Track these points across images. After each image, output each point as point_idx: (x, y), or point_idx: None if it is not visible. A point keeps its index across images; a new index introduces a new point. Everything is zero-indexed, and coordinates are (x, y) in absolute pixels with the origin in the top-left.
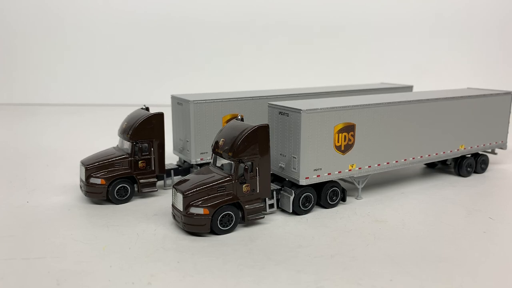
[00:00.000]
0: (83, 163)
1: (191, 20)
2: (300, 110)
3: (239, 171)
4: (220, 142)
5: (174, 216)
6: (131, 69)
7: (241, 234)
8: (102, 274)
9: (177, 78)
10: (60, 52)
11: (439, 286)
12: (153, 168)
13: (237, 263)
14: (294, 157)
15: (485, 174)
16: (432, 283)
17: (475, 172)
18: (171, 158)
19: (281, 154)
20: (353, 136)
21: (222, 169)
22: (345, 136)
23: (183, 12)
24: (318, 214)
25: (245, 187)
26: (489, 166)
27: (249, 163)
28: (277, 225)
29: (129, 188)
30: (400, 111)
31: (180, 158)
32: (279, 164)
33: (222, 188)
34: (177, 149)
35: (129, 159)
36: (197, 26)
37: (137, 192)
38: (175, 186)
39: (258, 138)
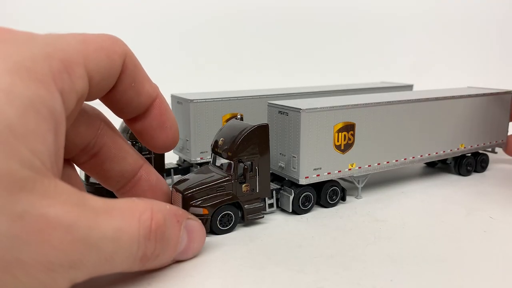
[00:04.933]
0: None
1: (191, 19)
2: (300, 109)
3: (239, 170)
4: (220, 142)
5: None
6: None
7: (241, 234)
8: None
9: (177, 77)
10: None
11: (439, 286)
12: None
13: (237, 263)
14: (293, 156)
15: (486, 173)
16: (432, 283)
17: (475, 171)
18: (171, 157)
19: (280, 154)
20: (353, 135)
21: (222, 169)
22: (345, 135)
23: (182, 11)
24: (318, 214)
25: (244, 187)
26: (490, 166)
27: (249, 162)
28: (277, 225)
29: None
30: (400, 110)
31: (180, 157)
32: (279, 164)
33: (222, 188)
34: (177, 148)
35: None
36: (197, 25)
37: None
38: (174, 186)
39: (258, 137)
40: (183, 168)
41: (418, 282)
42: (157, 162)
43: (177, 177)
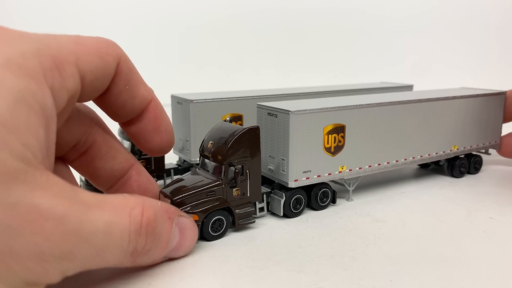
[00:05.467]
0: None
1: (190, 20)
2: (289, 111)
3: (229, 174)
4: (209, 145)
5: None
6: None
7: (241, 234)
8: (102, 274)
9: (177, 77)
10: None
11: (439, 286)
12: (153, 168)
13: (237, 263)
14: (283, 159)
15: (485, 173)
16: (432, 283)
17: (469, 172)
18: (171, 158)
19: (270, 156)
20: (343, 137)
21: (211, 173)
22: (334, 137)
23: (182, 11)
24: (318, 214)
25: (235, 191)
26: (489, 166)
27: (240, 166)
28: (277, 225)
29: None
30: (391, 112)
31: (180, 158)
32: (268, 166)
33: (212, 193)
34: (177, 148)
35: None
36: (197, 26)
37: None
38: (162, 191)
39: (249, 140)
40: (183, 168)
41: (418, 282)
42: (157, 162)
43: (177, 177)
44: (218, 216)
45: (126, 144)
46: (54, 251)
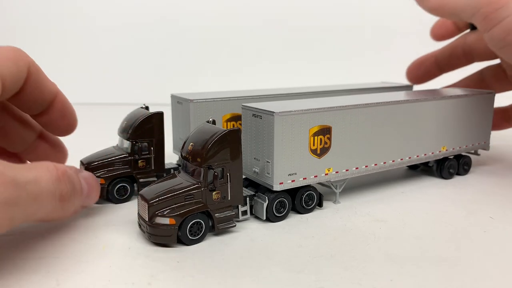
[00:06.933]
0: (82, 162)
1: (191, 20)
2: (273, 112)
3: (209, 177)
4: (189, 147)
5: (140, 226)
6: (131, 68)
7: (241, 234)
8: (102, 274)
9: (177, 77)
10: (60, 51)
11: (439, 286)
12: (153, 168)
13: (237, 263)
14: (267, 161)
15: (486, 173)
16: (432, 283)
17: (458, 174)
18: (171, 157)
19: (255, 159)
20: (329, 139)
21: (191, 175)
22: (321, 139)
23: (183, 11)
24: (318, 214)
25: (215, 195)
26: (478, 167)
27: (220, 169)
28: (277, 225)
29: (128, 187)
30: (378, 113)
31: (179, 157)
32: (253, 169)
33: (190, 196)
34: (177, 148)
35: (129, 158)
36: (197, 25)
37: (137, 191)
38: (140, 194)
39: (229, 143)
40: None
41: (418, 282)
42: (157, 162)
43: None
44: (197, 220)
45: (126, 143)
46: None
